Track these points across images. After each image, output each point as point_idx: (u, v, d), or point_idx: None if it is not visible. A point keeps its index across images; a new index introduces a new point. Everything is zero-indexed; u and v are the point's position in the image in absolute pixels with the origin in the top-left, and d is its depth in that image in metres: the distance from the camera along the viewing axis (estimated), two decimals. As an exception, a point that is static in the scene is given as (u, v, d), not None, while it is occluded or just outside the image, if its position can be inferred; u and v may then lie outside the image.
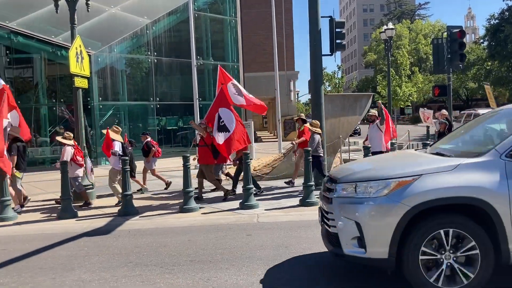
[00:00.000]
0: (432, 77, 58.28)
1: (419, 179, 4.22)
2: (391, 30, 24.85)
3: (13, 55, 19.68)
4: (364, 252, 4.29)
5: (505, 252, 4.15)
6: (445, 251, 4.16)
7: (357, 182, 4.46)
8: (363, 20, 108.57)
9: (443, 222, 4.18)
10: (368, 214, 4.28)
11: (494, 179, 4.16)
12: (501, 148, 4.32)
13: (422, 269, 4.15)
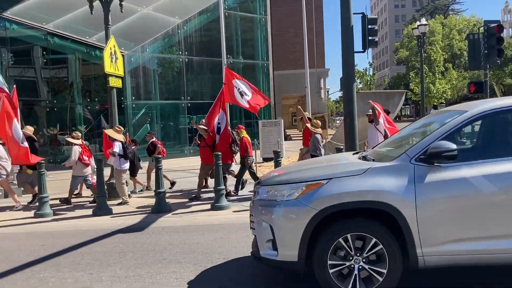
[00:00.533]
0: (467, 73, 56.77)
1: (329, 183, 4.23)
2: (424, 26, 24.33)
3: (49, 55, 20.24)
4: (276, 255, 4.31)
5: (413, 256, 4.12)
6: (352, 256, 4.16)
7: (274, 185, 4.50)
8: (395, 16, 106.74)
9: (350, 225, 4.18)
10: (279, 217, 4.30)
11: (402, 183, 4.11)
12: (411, 152, 4.26)
13: (329, 271, 4.15)
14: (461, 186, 4.09)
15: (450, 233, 4.10)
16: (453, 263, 4.17)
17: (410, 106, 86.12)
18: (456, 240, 4.09)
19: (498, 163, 4.18)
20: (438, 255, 4.12)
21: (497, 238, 4.07)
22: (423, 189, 4.08)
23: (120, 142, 10.34)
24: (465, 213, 4.10)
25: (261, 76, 26.33)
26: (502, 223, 4.07)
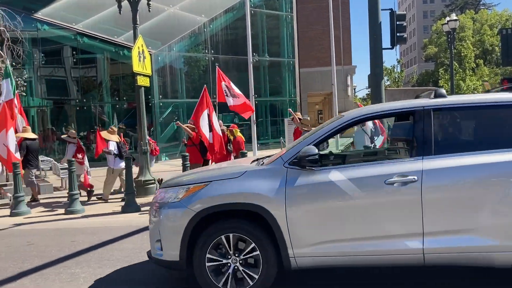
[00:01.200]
0: (499, 69, 55.29)
1: (208, 185, 4.38)
2: (455, 21, 23.79)
3: (79, 55, 20.65)
4: (162, 255, 4.48)
5: (285, 257, 4.22)
6: (230, 256, 4.31)
7: (167, 187, 4.69)
8: (423, 12, 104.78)
9: (226, 227, 4.32)
10: (164, 218, 4.47)
11: (274, 186, 4.23)
12: (286, 156, 4.38)
13: (209, 273, 4.30)
14: (328, 189, 4.19)
15: (320, 234, 4.20)
16: (326, 264, 4.27)
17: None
18: (326, 241, 4.19)
19: (363, 167, 4.35)
20: (310, 256, 4.23)
21: (362, 240, 4.16)
22: (293, 192, 4.19)
23: (114, 142, 10.61)
24: (333, 215, 4.20)
25: (287, 73, 26.24)
26: (365, 226, 4.15)
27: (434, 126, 4.29)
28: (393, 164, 4.28)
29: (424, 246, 4.08)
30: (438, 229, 4.09)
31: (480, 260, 4.11)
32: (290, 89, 26.50)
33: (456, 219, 4.07)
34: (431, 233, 4.09)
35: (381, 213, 4.15)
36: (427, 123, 4.28)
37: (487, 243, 4.02)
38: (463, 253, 4.07)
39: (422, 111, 4.34)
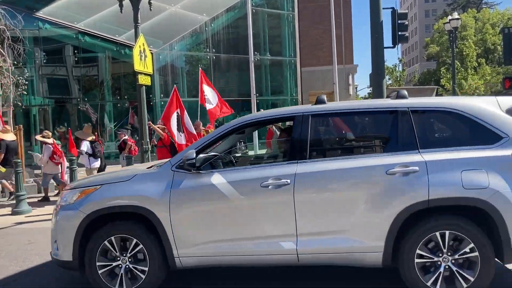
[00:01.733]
0: (501, 68, 55.15)
1: (99, 188, 4.56)
2: (456, 20, 23.73)
3: (80, 54, 20.65)
4: (58, 255, 4.65)
5: (170, 257, 4.42)
6: (119, 257, 4.49)
7: (68, 190, 4.87)
8: (425, 11, 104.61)
9: (116, 229, 4.49)
10: (60, 219, 4.64)
11: (161, 189, 4.40)
12: (174, 160, 4.61)
13: (98, 271, 4.47)
14: (209, 191, 4.37)
15: (202, 235, 4.37)
16: (209, 263, 4.45)
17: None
18: (208, 242, 4.36)
19: (244, 170, 4.54)
20: (193, 256, 4.41)
21: (241, 240, 4.33)
22: (177, 194, 4.38)
23: (88, 141, 10.66)
24: (213, 216, 4.37)
25: (288, 72, 26.21)
26: (244, 227, 4.33)
27: (311, 131, 4.44)
28: (271, 168, 4.43)
29: (298, 246, 4.24)
30: (310, 230, 4.24)
31: (352, 260, 4.24)
32: (291, 88, 26.47)
33: (328, 220, 4.22)
34: (304, 234, 4.24)
35: (257, 215, 4.31)
36: (304, 128, 4.44)
37: (356, 244, 4.17)
38: (335, 253, 4.22)
39: (301, 116, 4.50)
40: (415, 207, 4.06)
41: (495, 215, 3.97)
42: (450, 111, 4.34)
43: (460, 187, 4.01)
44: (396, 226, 4.09)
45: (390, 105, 4.52)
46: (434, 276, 4.09)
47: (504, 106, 4.30)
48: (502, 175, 4.01)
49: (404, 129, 4.31)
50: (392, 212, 4.08)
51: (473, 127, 4.26)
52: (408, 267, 4.11)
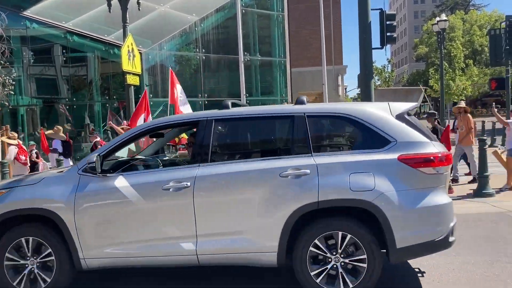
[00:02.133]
0: (488, 70, 55.75)
1: (10, 191, 4.66)
2: (444, 21, 23.93)
3: (68, 54, 20.50)
4: None
5: (76, 259, 4.50)
6: (29, 258, 4.56)
7: None
8: (414, 12, 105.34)
9: (25, 231, 4.57)
10: None
11: (66, 192, 4.49)
12: (80, 164, 4.70)
13: (6, 272, 4.55)
14: (113, 194, 4.45)
15: (106, 237, 4.47)
16: (115, 265, 4.53)
17: (430, 103, 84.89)
18: (112, 244, 4.45)
19: (148, 173, 4.68)
20: (99, 258, 4.49)
21: (144, 242, 4.42)
22: (82, 197, 4.46)
23: (60, 141, 10.64)
24: (117, 219, 4.46)
25: (278, 73, 26.26)
26: (147, 229, 4.43)
27: (213, 135, 4.57)
28: (174, 171, 4.56)
29: (197, 247, 4.34)
30: (209, 232, 4.35)
31: (250, 260, 4.35)
32: (281, 89, 26.50)
33: (226, 222, 4.34)
34: (203, 236, 4.35)
35: (159, 217, 4.42)
36: (206, 132, 4.56)
37: (253, 244, 4.29)
38: (233, 253, 4.34)
39: (205, 121, 4.63)
40: (305, 208, 4.19)
41: (380, 216, 4.10)
42: (343, 116, 4.47)
43: (348, 189, 4.14)
44: (289, 227, 4.20)
45: (287, 111, 4.68)
46: (325, 274, 4.21)
47: (395, 112, 4.44)
48: (388, 177, 4.15)
49: (299, 133, 4.45)
50: (284, 214, 4.20)
51: (364, 131, 4.40)
52: (300, 266, 4.23)
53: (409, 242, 4.13)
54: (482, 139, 9.41)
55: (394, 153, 4.21)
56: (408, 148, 4.23)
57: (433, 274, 4.96)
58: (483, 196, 8.88)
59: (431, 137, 4.46)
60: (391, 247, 4.12)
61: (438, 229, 4.20)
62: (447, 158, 4.33)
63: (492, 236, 6.33)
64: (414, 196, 4.15)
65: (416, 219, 4.16)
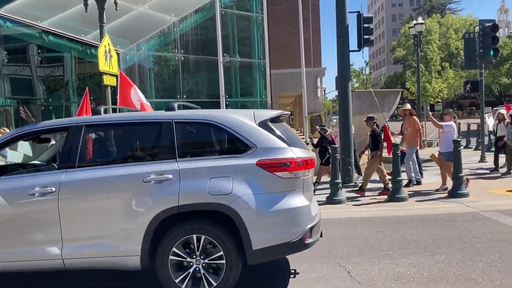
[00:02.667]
0: (464, 72, 56.89)
1: None
2: (421, 25, 24.33)
3: (44, 54, 20.13)
4: None
5: None
6: None
7: None
8: (392, 15, 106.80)
9: None
10: None
11: None
12: None
13: None
14: None
15: None
16: None
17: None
18: None
19: (17, 179, 4.68)
20: None
21: (12, 247, 4.44)
22: None
23: None
24: None
25: (258, 74, 26.28)
26: (14, 234, 4.44)
27: (82, 141, 4.64)
28: (42, 176, 4.60)
29: (63, 252, 4.40)
30: (75, 236, 4.41)
31: (116, 264, 4.43)
32: (261, 90, 26.52)
33: (91, 226, 4.41)
34: (69, 240, 4.41)
35: (26, 222, 4.44)
36: (75, 138, 4.62)
37: (118, 248, 4.36)
38: (99, 257, 4.40)
39: (75, 127, 4.69)
40: (166, 212, 4.28)
41: (236, 218, 4.22)
42: (209, 123, 4.61)
43: (207, 193, 4.26)
44: (151, 230, 4.29)
45: (156, 117, 4.83)
46: (184, 276, 4.31)
47: (258, 119, 4.59)
48: (246, 182, 4.29)
49: (166, 139, 4.57)
50: (146, 218, 4.29)
51: (228, 138, 4.62)
52: (162, 270, 4.31)
53: (265, 244, 4.26)
54: (456, 140, 9.60)
55: (253, 158, 4.36)
56: (267, 153, 4.38)
57: (407, 273, 5.03)
58: (458, 196, 9.05)
59: (291, 143, 4.57)
60: (248, 248, 4.24)
61: (294, 231, 4.32)
62: (306, 162, 4.47)
63: (465, 235, 6.46)
64: (270, 200, 4.30)
65: (271, 221, 4.30)
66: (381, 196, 9.53)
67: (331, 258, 5.68)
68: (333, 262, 5.55)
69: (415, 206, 8.64)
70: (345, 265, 5.40)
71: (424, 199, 9.21)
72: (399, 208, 8.57)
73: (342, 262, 5.53)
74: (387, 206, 8.80)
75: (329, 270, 5.25)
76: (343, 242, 6.38)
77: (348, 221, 7.76)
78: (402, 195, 9.10)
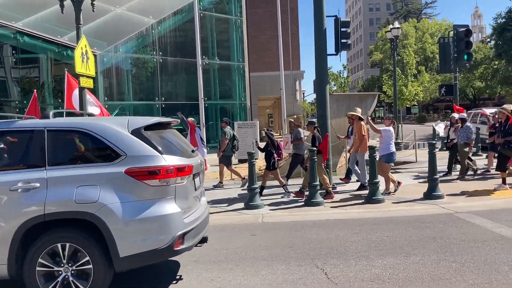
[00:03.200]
0: (439, 76, 57.95)
1: None
2: (397, 29, 24.69)
3: (19, 55, 19.78)
4: None
5: None
6: None
7: None
8: (369, 19, 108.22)
9: None
10: None
11: None
12: None
13: None
14: None
15: None
16: None
17: (384, 108, 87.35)
18: None
19: None
20: None
21: None
22: None
23: None
24: None
25: (237, 77, 26.33)
26: None
27: None
28: None
29: None
30: None
31: None
32: (240, 93, 26.58)
33: None
34: None
35: None
36: None
37: None
38: None
39: None
40: (32, 221, 4.28)
41: (102, 226, 4.26)
42: (82, 131, 4.63)
43: (73, 202, 4.28)
44: (17, 240, 4.28)
45: (29, 125, 4.79)
46: (53, 284, 4.30)
47: (132, 127, 4.63)
48: (114, 190, 4.34)
49: (37, 147, 4.56)
50: (12, 226, 4.28)
51: (100, 146, 4.59)
52: (29, 278, 4.30)
53: (132, 251, 4.30)
54: (431, 143, 9.78)
55: (122, 166, 4.39)
56: (137, 161, 4.42)
57: (383, 274, 5.11)
58: (433, 198, 9.21)
59: (167, 151, 4.62)
60: (114, 256, 4.27)
61: (162, 238, 4.36)
62: (178, 170, 4.53)
63: (439, 236, 6.58)
64: (138, 207, 4.34)
65: (139, 229, 4.34)
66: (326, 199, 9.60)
67: (309, 260, 5.72)
68: (311, 264, 5.59)
69: (391, 208, 8.76)
70: (323, 267, 5.45)
71: (399, 200, 9.35)
72: (376, 210, 8.68)
73: (320, 264, 5.58)
74: (364, 208, 8.90)
75: (307, 272, 5.29)
76: (321, 244, 6.43)
77: (326, 223, 7.83)
78: (378, 197, 9.23)
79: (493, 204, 8.70)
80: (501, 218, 7.53)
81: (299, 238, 6.83)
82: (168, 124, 5.31)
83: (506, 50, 39.86)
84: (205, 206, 5.49)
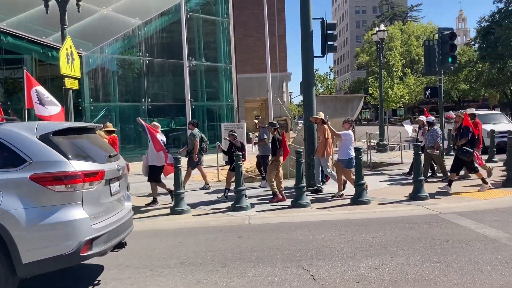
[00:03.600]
0: (424, 78, 58.58)
1: None
2: (383, 31, 24.91)
3: (2, 55, 19.49)
4: None
5: None
6: None
7: None
8: (356, 22, 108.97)
9: None
10: None
11: None
12: None
13: None
14: None
15: None
16: None
17: (370, 110, 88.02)
18: None
19: None
20: None
21: None
22: None
23: None
24: None
25: (224, 79, 26.29)
26: None
27: None
28: None
29: None
30: None
31: None
32: (227, 94, 26.55)
33: None
34: None
35: None
36: None
37: None
38: None
39: None
40: None
41: (4, 233, 4.23)
42: None
43: None
44: None
45: None
46: None
47: (40, 132, 4.62)
48: (18, 196, 4.31)
49: None
50: None
51: (5, 151, 4.51)
52: None
53: (36, 257, 4.28)
54: (416, 144, 9.88)
55: (27, 172, 4.37)
56: (42, 167, 4.40)
57: (369, 275, 5.14)
58: (418, 199, 9.30)
59: (76, 156, 4.61)
60: (17, 262, 4.23)
61: (67, 244, 4.35)
62: (86, 175, 4.52)
63: (424, 237, 6.65)
64: (42, 213, 4.31)
65: (42, 235, 4.31)
66: (281, 203, 9.62)
67: (295, 262, 5.74)
68: (297, 265, 5.61)
69: (377, 209, 8.83)
70: (309, 268, 5.47)
71: (385, 201, 9.42)
72: (362, 211, 8.74)
73: (306, 265, 5.60)
74: (350, 209, 8.95)
75: (293, 273, 5.31)
76: (307, 245, 6.46)
77: (312, 224, 7.86)
78: (364, 198, 9.29)
79: (476, 205, 8.82)
80: (485, 218, 7.63)
81: (286, 239, 6.85)
82: (86, 129, 5.21)
83: (489, 53, 40.49)
84: (128, 210, 5.44)
